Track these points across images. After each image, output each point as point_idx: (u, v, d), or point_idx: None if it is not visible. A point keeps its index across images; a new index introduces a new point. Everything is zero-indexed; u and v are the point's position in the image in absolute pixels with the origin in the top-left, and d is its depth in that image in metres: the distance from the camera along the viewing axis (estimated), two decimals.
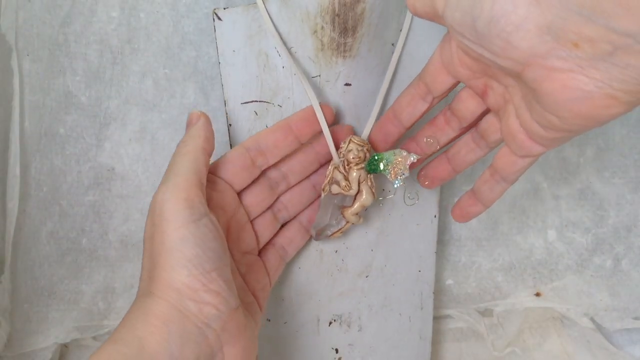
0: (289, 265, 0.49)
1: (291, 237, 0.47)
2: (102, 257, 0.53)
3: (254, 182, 0.43)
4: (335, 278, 0.51)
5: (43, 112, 0.49)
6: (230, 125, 0.46)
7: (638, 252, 0.61)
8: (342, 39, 0.43)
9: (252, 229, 0.44)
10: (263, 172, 0.44)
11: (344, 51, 0.44)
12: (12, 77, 0.48)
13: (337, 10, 0.41)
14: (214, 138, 0.40)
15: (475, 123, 0.41)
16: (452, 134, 0.42)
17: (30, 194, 0.50)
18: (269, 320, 0.50)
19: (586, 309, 0.62)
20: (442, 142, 0.43)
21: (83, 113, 0.50)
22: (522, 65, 0.30)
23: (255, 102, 0.46)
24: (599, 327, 0.62)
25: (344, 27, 0.42)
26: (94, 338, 0.56)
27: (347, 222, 0.46)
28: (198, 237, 0.35)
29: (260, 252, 0.45)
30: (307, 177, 0.47)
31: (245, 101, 0.45)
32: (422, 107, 0.41)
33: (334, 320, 0.52)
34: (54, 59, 0.48)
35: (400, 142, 0.45)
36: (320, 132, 0.44)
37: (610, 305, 0.61)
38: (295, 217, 0.47)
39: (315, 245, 0.49)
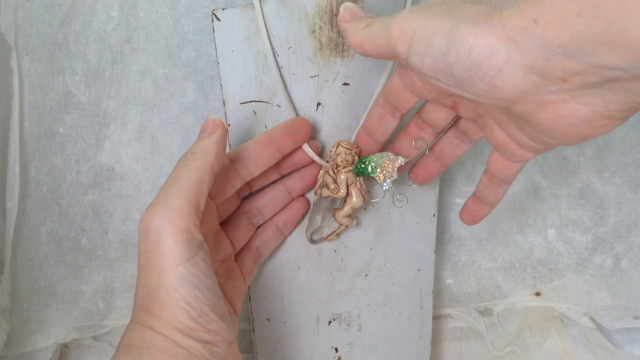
0: (288, 264, 0.49)
1: (267, 239, 0.47)
2: (102, 256, 0.53)
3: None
4: (334, 277, 0.51)
5: (42, 111, 0.49)
6: (229, 125, 0.46)
7: (638, 252, 0.60)
8: (340, 39, 0.43)
9: (225, 236, 0.44)
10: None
11: (342, 51, 0.44)
12: (12, 77, 0.48)
13: (335, 10, 0.42)
14: (225, 154, 0.39)
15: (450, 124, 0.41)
16: (429, 140, 0.42)
17: (30, 194, 0.50)
18: (269, 320, 0.50)
19: (586, 308, 0.62)
20: (421, 148, 0.43)
21: (83, 113, 0.50)
22: (509, 102, 0.29)
23: (254, 102, 0.46)
24: (599, 327, 0.62)
25: None
26: (94, 338, 0.56)
27: (341, 224, 0.47)
28: (195, 275, 0.34)
29: (236, 257, 0.45)
30: (281, 181, 0.47)
31: (244, 101, 0.46)
32: (393, 123, 0.41)
33: (334, 320, 0.52)
34: (53, 58, 0.48)
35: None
36: (301, 145, 0.45)
37: (610, 304, 0.61)
38: (270, 219, 0.47)
39: (314, 244, 0.49)
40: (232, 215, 0.45)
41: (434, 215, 0.52)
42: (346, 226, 0.47)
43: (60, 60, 0.48)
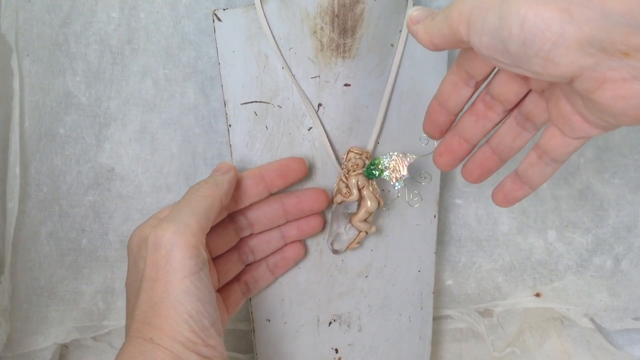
0: None
1: (256, 277, 0.48)
2: (102, 257, 0.53)
3: (219, 223, 0.44)
4: (335, 278, 0.51)
5: (43, 112, 0.49)
6: (230, 125, 0.46)
7: (638, 253, 0.61)
8: (342, 40, 0.43)
9: (214, 268, 0.44)
10: (229, 215, 0.45)
11: (344, 52, 0.44)
12: (12, 77, 0.48)
13: (336, 10, 0.41)
14: (231, 194, 0.41)
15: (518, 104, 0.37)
16: (497, 119, 0.38)
17: (30, 194, 0.50)
18: (269, 321, 0.50)
19: (586, 309, 0.62)
20: (487, 129, 0.39)
21: (83, 113, 0.50)
22: (568, 78, 0.27)
23: (255, 103, 0.46)
24: (599, 328, 0.62)
25: (343, 27, 0.42)
26: (94, 338, 0.56)
27: (360, 231, 0.47)
28: (199, 289, 0.35)
29: (221, 289, 0.46)
30: (277, 226, 0.47)
31: (245, 102, 0.46)
32: (467, 92, 0.38)
33: (334, 320, 0.52)
34: (54, 59, 0.48)
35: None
36: (290, 185, 0.46)
37: (610, 305, 0.61)
38: (262, 259, 0.48)
39: (315, 245, 0.49)
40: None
41: (435, 217, 0.52)
42: (366, 233, 0.47)
43: (61, 61, 0.48)
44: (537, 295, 0.62)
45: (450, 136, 0.40)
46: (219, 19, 0.44)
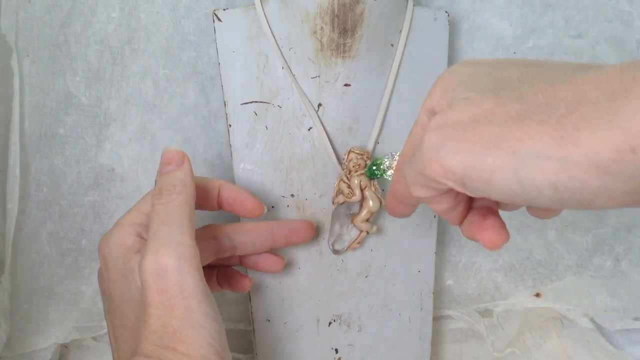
0: (289, 265, 0.49)
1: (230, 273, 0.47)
2: None
3: (200, 241, 0.41)
4: (335, 278, 0.51)
5: (43, 112, 0.49)
6: (230, 125, 0.46)
7: (638, 253, 0.61)
8: (342, 40, 0.43)
9: None
10: (214, 235, 0.44)
11: (344, 52, 0.44)
12: (12, 78, 0.48)
13: (336, 10, 0.41)
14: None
15: None
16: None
17: (30, 195, 0.50)
18: (269, 321, 0.50)
19: (586, 309, 0.62)
20: None
21: (83, 113, 0.50)
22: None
23: (255, 103, 0.46)
24: (599, 328, 0.62)
25: (344, 27, 0.42)
26: (94, 338, 0.56)
27: (361, 231, 0.47)
28: (214, 310, 0.35)
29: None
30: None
31: (245, 102, 0.46)
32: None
33: (334, 321, 0.52)
34: (54, 59, 0.48)
35: None
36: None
37: (610, 305, 0.61)
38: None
39: (315, 245, 0.49)
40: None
41: (435, 217, 0.52)
42: (367, 232, 0.47)
43: (61, 61, 0.48)
44: (537, 295, 0.62)
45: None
46: (219, 19, 0.44)
